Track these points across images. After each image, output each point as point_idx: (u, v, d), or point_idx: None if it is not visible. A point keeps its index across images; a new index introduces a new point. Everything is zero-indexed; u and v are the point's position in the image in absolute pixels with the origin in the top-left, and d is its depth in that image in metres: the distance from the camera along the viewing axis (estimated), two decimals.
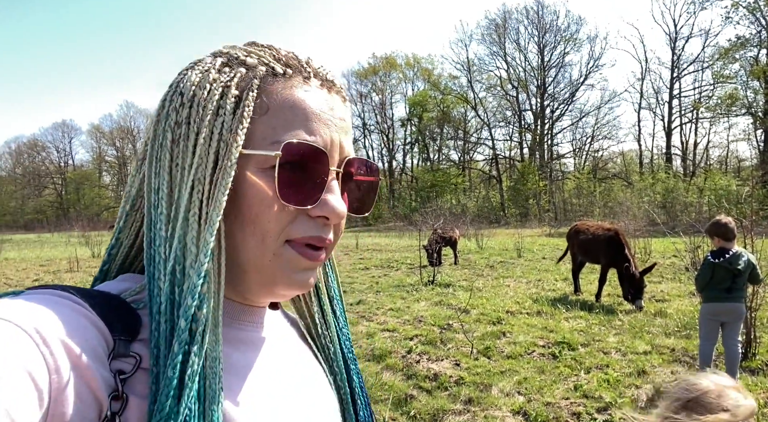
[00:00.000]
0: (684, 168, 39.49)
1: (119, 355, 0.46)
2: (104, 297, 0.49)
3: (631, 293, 7.23)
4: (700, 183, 30.55)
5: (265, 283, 0.54)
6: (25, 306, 0.42)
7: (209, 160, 0.50)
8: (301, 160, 0.51)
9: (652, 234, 17.09)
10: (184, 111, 0.52)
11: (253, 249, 0.52)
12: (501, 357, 5.26)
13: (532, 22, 44.84)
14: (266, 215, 0.51)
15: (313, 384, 0.64)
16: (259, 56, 0.55)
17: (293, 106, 0.52)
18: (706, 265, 4.37)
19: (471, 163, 50.26)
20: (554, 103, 45.79)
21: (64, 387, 0.39)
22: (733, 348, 4.33)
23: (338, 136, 0.55)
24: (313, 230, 0.53)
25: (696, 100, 38.97)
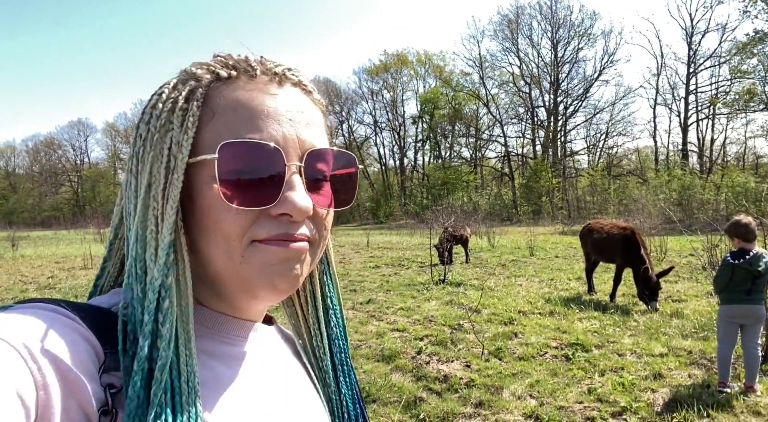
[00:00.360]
0: (701, 165, 38.88)
1: (110, 369, 0.46)
2: (95, 310, 0.49)
3: (646, 294, 7.09)
4: (717, 180, 30.04)
5: (246, 287, 0.53)
6: (14, 321, 0.42)
7: (161, 176, 0.50)
8: (246, 159, 0.50)
9: (668, 232, 16.83)
10: (143, 132, 0.53)
11: (222, 256, 0.52)
12: (513, 359, 5.18)
13: (545, 17, 44.43)
14: (224, 221, 0.51)
15: (302, 401, 0.62)
16: (208, 66, 0.54)
17: (236, 107, 0.52)
18: (726, 266, 4.25)
19: (483, 161, 49.96)
20: (568, 99, 45.34)
21: (51, 404, 0.39)
22: (752, 352, 4.20)
23: (294, 129, 0.53)
24: (277, 228, 0.52)
25: (713, 95, 38.33)
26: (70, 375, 0.41)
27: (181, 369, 0.47)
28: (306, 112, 0.56)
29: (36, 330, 0.42)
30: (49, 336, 0.42)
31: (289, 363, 0.66)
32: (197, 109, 0.51)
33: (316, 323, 0.69)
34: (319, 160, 0.55)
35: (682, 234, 16.52)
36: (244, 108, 0.52)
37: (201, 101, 0.52)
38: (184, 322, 0.49)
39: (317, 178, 0.55)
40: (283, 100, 0.54)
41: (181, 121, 0.51)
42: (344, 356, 0.71)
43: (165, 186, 0.50)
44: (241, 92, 0.53)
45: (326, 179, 0.57)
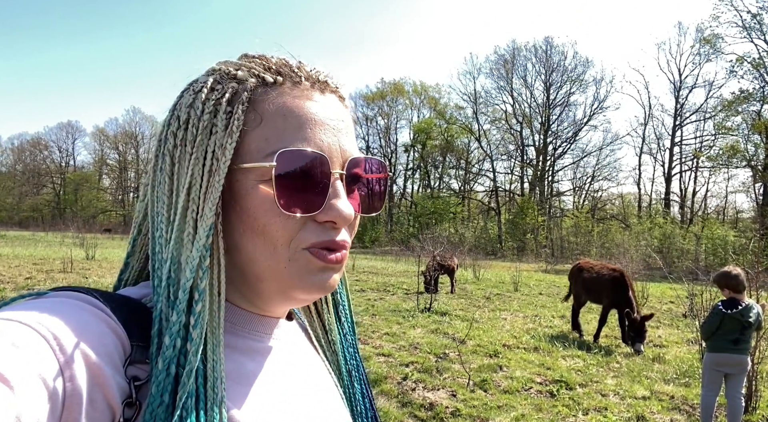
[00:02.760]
0: (682, 215, 39.73)
1: (135, 361, 0.46)
2: (125, 301, 0.50)
3: (631, 337, 7.16)
4: (697, 231, 30.67)
5: (284, 289, 0.55)
6: (45, 310, 0.43)
7: (204, 180, 0.51)
8: (299, 167, 0.51)
9: (648, 278, 17.05)
10: (180, 133, 0.53)
11: (267, 259, 0.53)
12: (498, 392, 5.17)
13: (540, 60, 45.71)
14: (273, 225, 0.51)
15: (324, 396, 0.63)
16: (249, 68, 0.54)
17: (285, 115, 0.52)
18: (716, 314, 4.33)
19: (471, 193, 50.46)
20: (557, 140, 46.28)
21: (78, 395, 0.39)
22: (736, 400, 4.26)
23: (337, 137, 0.54)
24: (323, 235, 0.53)
25: (697, 149, 39.47)
26: (96, 366, 0.41)
27: (207, 375, 0.48)
28: (345, 120, 0.57)
29: (66, 320, 0.42)
30: (78, 328, 0.42)
31: (311, 357, 0.66)
32: (242, 113, 0.51)
33: (329, 318, 0.71)
34: (356, 167, 0.56)
35: (663, 280, 16.80)
36: (292, 115, 0.52)
37: (246, 105, 0.52)
38: (214, 326, 0.50)
39: (353, 185, 0.57)
40: (326, 107, 0.55)
41: (226, 123, 0.51)
42: (354, 351, 0.72)
43: (206, 188, 0.50)
44: (288, 99, 0.53)
45: (360, 185, 0.59)
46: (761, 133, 32.48)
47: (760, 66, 32.81)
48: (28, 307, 0.43)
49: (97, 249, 17.80)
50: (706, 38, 35.95)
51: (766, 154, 32.50)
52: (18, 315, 0.41)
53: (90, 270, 13.82)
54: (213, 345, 0.49)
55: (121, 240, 33.52)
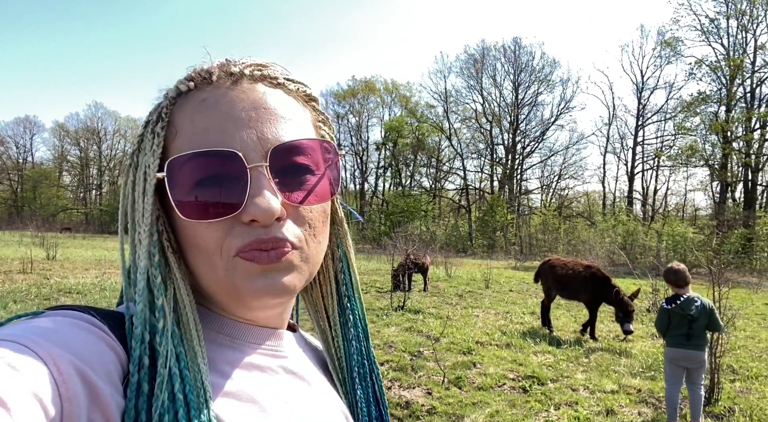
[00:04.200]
0: (644, 212, 41.01)
1: None
2: (123, 318, 0.50)
3: (620, 317, 7.45)
4: (658, 228, 31.74)
5: (236, 299, 0.53)
6: (41, 330, 0.42)
7: (139, 200, 0.52)
8: (202, 171, 0.49)
9: (613, 273, 17.56)
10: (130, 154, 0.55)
11: (207, 271, 0.52)
12: (472, 389, 5.24)
13: (509, 60, 46.36)
14: (201, 235, 0.51)
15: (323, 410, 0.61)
16: (177, 82, 0.54)
17: (192, 120, 0.51)
18: (662, 312, 4.52)
19: (442, 192, 50.88)
20: (525, 139, 47.10)
21: (76, 415, 0.39)
22: (696, 393, 4.43)
23: (253, 128, 0.51)
24: (250, 235, 0.50)
25: (658, 148, 40.81)
26: (94, 385, 0.41)
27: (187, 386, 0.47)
28: (270, 107, 0.53)
29: (64, 340, 0.42)
30: (74, 346, 0.42)
31: (312, 371, 0.65)
32: (162, 130, 0.51)
33: (336, 324, 0.68)
34: (291, 155, 0.52)
35: (628, 276, 17.33)
36: (198, 118, 0.51)
37: (166, 120, 0.52)
38: (188, 339, 0.49)
39: (293, 174, 0.53)
40: (238, 99, 0.52)
41: (151, 143, 0.52)
42: (362, 358, 0.68)
43: (142, 210, 0.51)
44: (195, 102, 0.52)
45: (309, 172, 0.54)
46: (718, 133, 33.86)
47: (717, 69, 34.16)
48: (23, 327, 0.42)
49: (58, 249, 17.18)
50: (667, 41, 37.20)
51: (722, 154, 33.86)
52: (14, 335, 0.40)
53: (51, 270, 13.32)
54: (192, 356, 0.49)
55: (82, 240, 32.42)
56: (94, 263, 15.99)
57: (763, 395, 5.36)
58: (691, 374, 4.46)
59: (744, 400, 5.15)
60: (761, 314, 11.15)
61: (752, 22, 32.95)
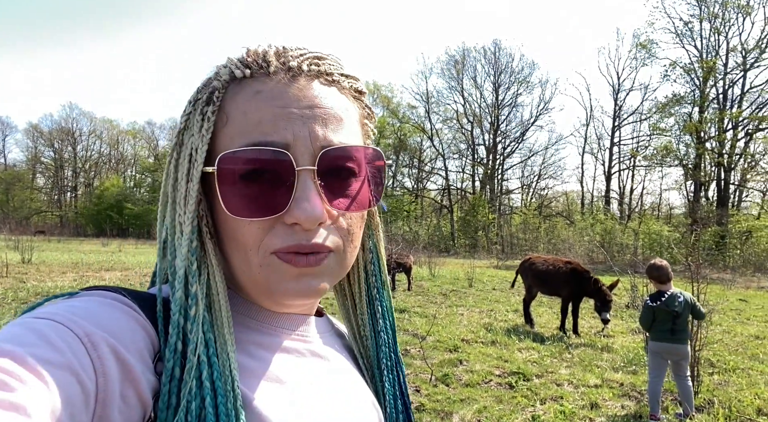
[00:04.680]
0: (621, 211, 41.78)
1: (164, 357, 0.47)
2: (154, 299, 0.50)
3: (598, 306, 7.62)
4: (635, 226, 32.39)
5: (267, 295, 0.54)
6: (77, 309, 0.44)
7: (183, 183, 0.51)
8: (252, 166, 0.49)
9: (592, 271, 17.83)
10: (175, 135, 0.54)
11: (240, 264, 0.52)
12: (460, 385, 5.29)
13: (489, 61, 46.76)
14: (240, 230, 0.50)
15: (351, 395, 0.61)
16: (230, 63, 0.53)
17: (246, 111, 0.50)
18: (646, 309, 4.62)
19: (424, 192, 51.10)
20: (506, 140, 47.59)
21: (111, 391, 0.40)
22: (685, 385, 4.54)
23: (306, 127, 0.50)
24: (291, 238, 0.50)
25: (634, 148, 41.61)
26: (127, 362, 0.42)
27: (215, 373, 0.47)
28: (324, 106, 0.52)
29: (98, 318, 0.43)
30: (109, 325, 0.43)
31: (338, 355, 0.65)
32: (212, 114, 0.50)
33: (363, 313, 0.68)
34: (339, 159, 0.51)
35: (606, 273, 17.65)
36: (253, 110, 0.50)
37: (218, 105, 0.51)
38: (219, 326, 0.49)
39: (339, 178, 0.52)
40: (294, 95, 0.51)
41: (200, 126, 0.51)
42: (389, 350, 0.68)
43: (185, 194, 0.51)
44: (250, 92, 0.51)
45: (354, 178, 0.53)
46: (692, 134, 34.69)
47: (690, 71, 35.01)
48: (60, 307, 0.44)
49: (33, 252, 16.75)
50: (642, 43, 37.96)
51: (696, 154, 34.72)
52: (51, 313, 0.42)
53: (27, 274, 12.99)
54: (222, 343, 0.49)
55: (58, 243, 31.67)
56: (71, 266, 15.64)
57: (741, 387, 5.52)
58: (676, 367, 4.57)
59: (723, 392, 5.30)
60: (736, 309, 11.47)
61: (724, 25, 33.85)
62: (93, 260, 18.06)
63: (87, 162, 61.13)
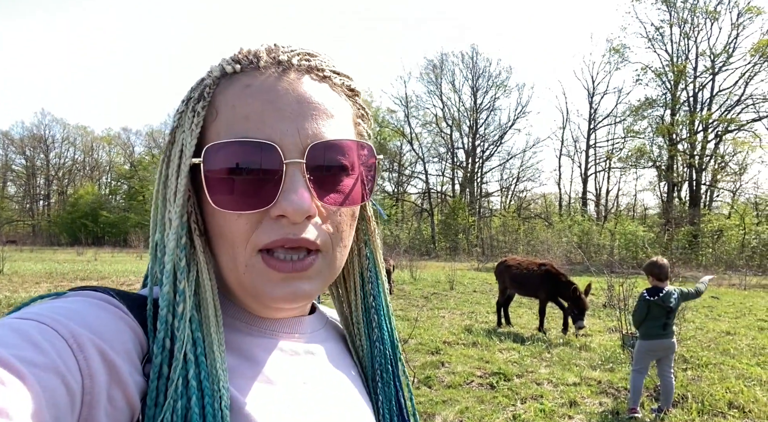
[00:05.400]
0: (597, 212, 42.53)
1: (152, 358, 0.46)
2: (143, 300, 0.50)
3: (574, 313, 7.70)
4: (611, 227, 33.01)
5: (254, 296, 0.52)
6: (63, 309, 0.43)
7: (172, 178, 0.51)
8: (238, 160, 0.48)
9: (570, 272, 18.14)
10: (169, 132, 0.55)
11: (227, 263, 0.51)
12: (442, 387, 5.34)
13: (466, 66, 47.28)
14: (228, 225, 0.49)
15: (348, 398, 0.61)
16: (222, 61, 0.53)
17: (235, 105, 0.50)
18: (642, 302, 4.74)
19: (404, 196, 51.27)
20: (484, 143, 48.12)
21: (96, 393, 0.40)
22: (668, 379, 4.69)
23: (294, 122, 0.50)
24: (278, 232, 0.49)
25: (609, 151, 42.45)
26: (114, 364, 0.42)
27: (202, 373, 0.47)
28: (313, 102, 0.51)
29: (85, 319, 0.43)
30: (97, 326, 0.43)
31: (334, 352, 0.64)
32: (202, 110, 0.51)
33: (359, 322, 0.66)
34: (328, 153, 0.51)
35: (584, 273, 17.96)
36: (240, 104, 0.50)
37: (207, 100, 0.51)
38: (207, 325, 0.49)
39: (328, 173, 0.51)
40: (284, 89, 0.51)
41: (190, 122, 0.51)
42: (386, 362, 0.65)
43: (175, 189, 0.50)
44: (239, 87, 0.51)
45: (344, 173, 0.53)
46: (664, 136, 35.61)
47: (662, 74, 35.94)
48: (46, 307, 0.43)
49: (5, 262, 16.31)
50: (615, 48, 38.84)
51: (668, 155, 35.61)
52: (36, 314, 0.41)
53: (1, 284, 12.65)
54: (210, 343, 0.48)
55: (30, 253, 30.83)
56: (45, 276, 15.26)
57: (713, 381, 5.69)
58: (662, 362, 4.72)
59: (696, 387, 5.45)
60: (708, 306, 11.79)
61: (693, 30, 34.87)
62: (68, 269, 17.65)
63: (60, 169, 59.79)
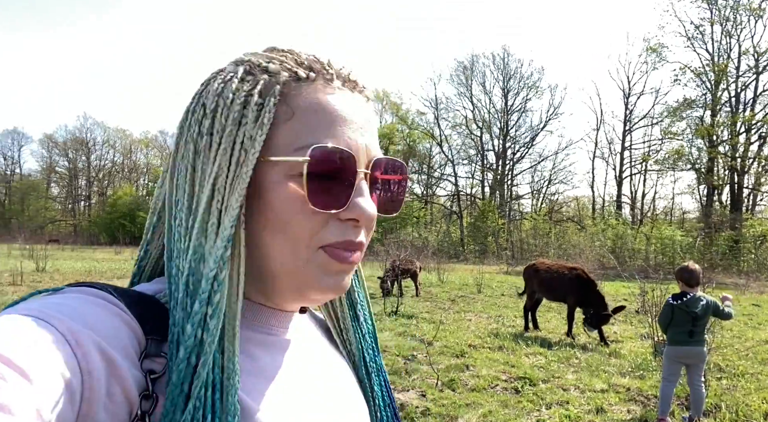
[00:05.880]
0: (632, 216, 41.44)
1: (151, 355, 0.47)
2: (140, 297, 0.51)
3: (591, 320, 7.57)
4: (647, 231, 32.10)
5: (298, 288, 0.54)
6: (61, 306, 0.43)
7: (230, 170, 0.50)
8: (328, 164, 0.51)
9: (603, 277, 17.75)
10: (207, 122, 0.52)
11: (285, 256, 0.52)
12: (465, 390, 5.31)
13: (497, 67, 46.85)
14: (296, 222, 0.51)
15: (343, 391, 0.63)
16: (281, 61, 0.54)
17: (317, 110, 0.52)
18: (666, 306, 4.63)
19: (434, 198, 51.11)
20: (515, 145, 47.54)
21: (95, 389, 0.40)
22: (698, 388, 4.54)
23: (364, 137, 0.54)
24: (344, 234, 0.53)
25: (645, 153, 41.31)
26: (113, 360, 0.42)
27: (224, 366, 0.48)
28: (372, 120, 0.57)
29: (83, 315, 0.43)
30: (94, 322, 0.43)
31: (328, 352, 0.66)
32: (274, 106, 0.51)
33: (344, 318, 0.69)
34: (378, 168, 0.56)
35: (617, 279, 17.52)
36: (324, 112, 0.52)
37: (279, 98, 0.52)
38: (231, 318, 0.49)
39: (374, 186, 0.57)
40: (356, 107, 0.55)
41: (257, 115, 0.51)
42: (373, 353, 0.69)
43: (233, 179, 0.50)
44: (321, 95, 0.53)
45: (390, 186, 0.59)
46: (704, 137, 34.39)
47: (702, 74, 34.77)
48: (44, 303, 0.44)
49: (47, 260, 17.04)
50: (653, 47, 37.80)
51: (708, 158, 34.37)
52: (34, 310, 0.42)
53: (41, 283, 13.21)
54: (230, 336, 0.49)
55: (71, 252, 32.12)
56: (85, 274, 15.88)
57: (749, 391, 5.48)
58: (691, 370, 4.57)
59: (730, 397, 5.27)
60: (748, 314, 11.34)
61: (736, 28, 33.66)
62: (106, 268, 18.32)
63: (101, 171, 62.09)
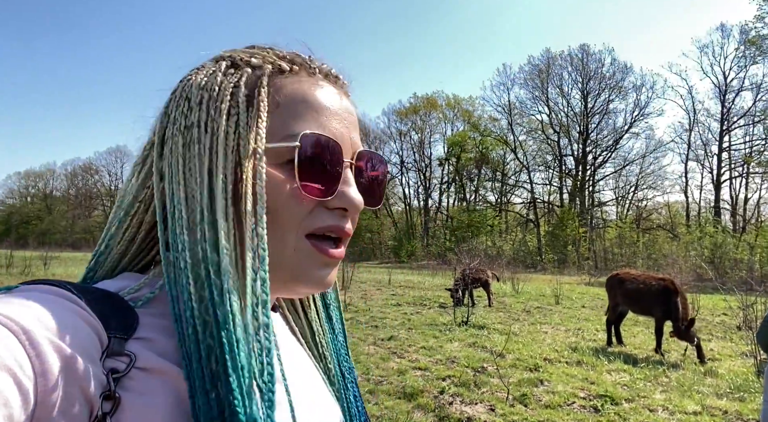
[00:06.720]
0: (734, 223, 37.86)
1: (113, 354, 0.44)
2: (101, 293, 0.48)
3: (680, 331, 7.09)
4: (750, 239, 29.14)
5: (287, 280, 0.54)
6: (13, 304, 0.41)
7: (230, 159, 0.50)
8: (317, 151, 0.52)
9: (699, 289, 16.28)
10: (194, 114, 0.51)
11: (275, 245, 0.51)
12: (539, 406, 5.02)
13: (576, 68, 44.94)
14: (285, 210, 0.51)
15: (317, 391, 0.62)
16: (263, 56, 0.55)
17: (303, 100, 0.53)
18: (766, 321, 4.11)
19: (508, 206, 49.74)
20: (597, 149, 45.18)
21: (51, 390, 0.38)
22: None
23: (347, 129, 0.56)
24: (331, 220, 0.54)
25: (747, 154, 37.70)
26: (70, 360, 0.40)
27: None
28: (353, 114, 0.59)
29: (37, 314, 0.41)
30: (50, 321, 0.41)
31: (297, 348, 0.65)
32: (266, 96, 0.52)
33: (317, 319, 0.69)
34: (365, 160, 0.59)
35: (715, 292, 15.98)
36: (311, 103, 0.54)
37: (267, 88, 0.53)
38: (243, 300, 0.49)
39: (360, 177, 0.58)
40: (339, 99, 0.57)
41: (247, 106, 0.51)
42: (345, 353, 0.71)
43: (225, 167, 0.50)
44: (306, 86, 0.55)
45: (370, 178, 0.60)
46: None
47: None
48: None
49: None
50: (751, 40, 34.59)
51: None
52: None
53: None
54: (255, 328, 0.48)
55: None
56: None
57: None
58: None
59: None
60: None
61: None
62: None
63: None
